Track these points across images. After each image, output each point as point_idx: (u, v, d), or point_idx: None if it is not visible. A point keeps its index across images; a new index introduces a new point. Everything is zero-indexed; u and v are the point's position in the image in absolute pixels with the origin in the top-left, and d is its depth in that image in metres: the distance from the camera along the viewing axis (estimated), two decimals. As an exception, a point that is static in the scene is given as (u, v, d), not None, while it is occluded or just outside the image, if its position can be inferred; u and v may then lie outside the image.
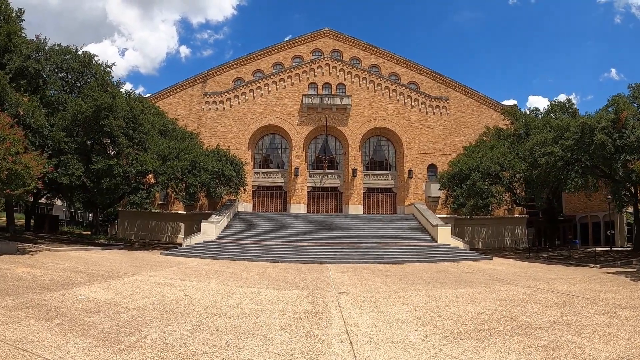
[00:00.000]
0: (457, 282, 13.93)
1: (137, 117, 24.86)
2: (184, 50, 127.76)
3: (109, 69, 28.63)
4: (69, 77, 28.36)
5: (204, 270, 15.97)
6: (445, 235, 26.39)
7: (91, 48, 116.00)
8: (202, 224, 25.81)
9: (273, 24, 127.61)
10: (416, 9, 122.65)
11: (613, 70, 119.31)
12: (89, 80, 27.43)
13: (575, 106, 34.41)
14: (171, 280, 12.49)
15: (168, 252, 22.46)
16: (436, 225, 26.93)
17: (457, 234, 32.02)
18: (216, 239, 25.28)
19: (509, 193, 31.15)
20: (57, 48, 27.40)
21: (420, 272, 17.38)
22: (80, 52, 28.04)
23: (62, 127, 23.84)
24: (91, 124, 22.91)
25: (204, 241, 24.44)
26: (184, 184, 26.56)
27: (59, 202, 54.74)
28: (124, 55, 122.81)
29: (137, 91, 30.82)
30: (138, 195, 23.43)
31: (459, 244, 26.41)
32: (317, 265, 19.20)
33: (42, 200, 50.90)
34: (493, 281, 14.24)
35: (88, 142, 23.08)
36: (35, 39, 25.44)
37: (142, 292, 10.06)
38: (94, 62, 28.59)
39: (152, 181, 26.15)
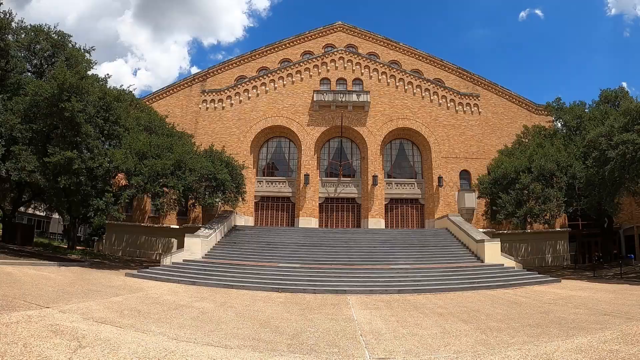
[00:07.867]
0: (557, 325, 8.56)
1: (111, 105, 20.23)
2: (195, 71, 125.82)
3: (87, 54, 24.47)
4: (40, 61, 24.28)
5: (163, 303, 10.67)
6: (493, 252, 20.64)
7: (105, 66, 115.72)
8: (185, 238, 20.41)
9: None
10: (426, 27, 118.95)
11: (624, 84, 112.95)
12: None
13: (630, 95, 29.36)
14: (85, 323, 7.24)
15: (137, 273, 17.20)
16: (481, 241, 21.21)
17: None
18: (202, 257, 19.80)
19: (565, 198, 25.41)
20: (27, 27, 23.52)
21: (483, 306, 11.81)
22: (53, 33, 24.04)
23: (20, 112, 19.45)
24: (51, 108, 18.32)
25: (184, 260, 18.90)
26: (166, 189, 21.62)
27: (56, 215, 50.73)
28: (136, 74, 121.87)
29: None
30: (103, 199, 18.35)
31: (512, 263, 20.61)
32: (332, 297, 13.58)
33: (38, 213, 46.85)
34: (604, 317, 9.27)
35: (45, 130, 18.39)
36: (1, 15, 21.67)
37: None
38: (70, 44, 24.51)
39: (124, 183, 21.15)
